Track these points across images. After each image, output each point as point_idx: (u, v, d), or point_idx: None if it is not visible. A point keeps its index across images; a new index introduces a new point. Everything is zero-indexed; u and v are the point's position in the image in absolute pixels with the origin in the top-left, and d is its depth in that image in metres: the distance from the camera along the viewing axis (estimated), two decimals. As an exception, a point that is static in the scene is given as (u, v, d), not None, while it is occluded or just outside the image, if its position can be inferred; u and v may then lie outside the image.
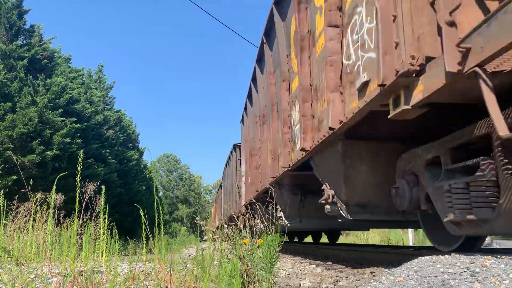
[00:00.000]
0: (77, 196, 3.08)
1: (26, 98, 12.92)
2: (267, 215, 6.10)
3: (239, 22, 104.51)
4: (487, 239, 24.96)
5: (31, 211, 4.90)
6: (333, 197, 4.63)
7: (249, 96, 10.43)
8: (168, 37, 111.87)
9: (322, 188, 4.89)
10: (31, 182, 4.79)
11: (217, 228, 3.15)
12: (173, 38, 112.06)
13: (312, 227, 9.63)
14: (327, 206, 4.73)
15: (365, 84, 3.36)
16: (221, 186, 25.07)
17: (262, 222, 4.33)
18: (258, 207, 3.85)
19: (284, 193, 6.89)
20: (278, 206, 6.99)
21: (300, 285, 3.59)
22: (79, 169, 3.05)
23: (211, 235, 3.07)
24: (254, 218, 9.81)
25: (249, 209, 9.49)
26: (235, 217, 11.67)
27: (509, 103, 2.56)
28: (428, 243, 8.14)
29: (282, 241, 2.76)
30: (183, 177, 69.67)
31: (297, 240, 15.00)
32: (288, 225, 5.13)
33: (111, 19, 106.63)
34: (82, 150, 3.74)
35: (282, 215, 6.67)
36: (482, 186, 2.84)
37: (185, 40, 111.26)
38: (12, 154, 11.25)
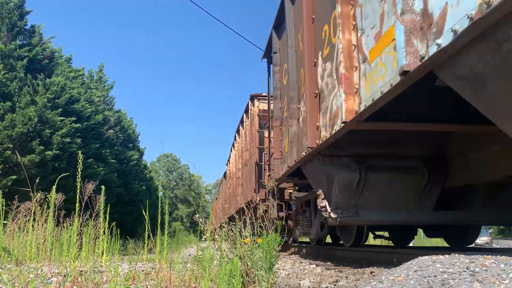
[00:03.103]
0: (78, 196, 3.09)
1: (26, 98, 12.92)
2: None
3: (241, 23, 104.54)
4: (486, 238, 24.97)
5: (31, 211, 4.90)
6: None
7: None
8: (168, 37, 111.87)
9: None
10: (37, 181, 4.79)
11: (220, 226, 3.15)
12: (173, 38, 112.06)
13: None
14: None
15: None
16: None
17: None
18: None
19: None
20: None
21: (300, 285, 3.59)
22: (79, 169, 3.05)
23: (211, 235, 3.07)
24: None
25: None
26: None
27: None
28: (428, 243, 8.15)
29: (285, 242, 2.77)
30: (183, 177, 69.68)
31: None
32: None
33: (112, 19, 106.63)
34: (81, 151, 3.74)
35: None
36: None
37: (185, 40, 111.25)
38: (16, 154, 11.25)
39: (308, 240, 9.04)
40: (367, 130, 4.03)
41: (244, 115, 13.07)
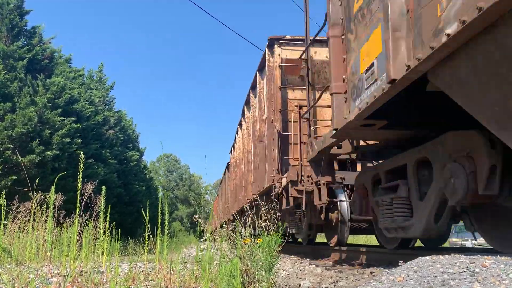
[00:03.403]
0: (78, 196, 3.09)
1: (26, 98, 12.92)
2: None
3: (241, 23, 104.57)
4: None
5: (31, 211, 4.90)
6: None
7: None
8: (168, 37, 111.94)
9: None
10: (37, 181, 4.79)
11: (221, 226, 3.14)
12: (173, 38, 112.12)
13: None
14: None
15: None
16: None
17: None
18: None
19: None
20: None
21: (300, 285, 3.59)
22: (80, 170, 3.05)
23: (211, 234, 3.07)
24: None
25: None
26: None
27: None
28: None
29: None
30: (183, 177, 69.69)
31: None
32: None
33: (112, 19, 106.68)
34: (82, 151, 3.74)
35: None
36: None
37: (185, 40, 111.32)
38: (17, 154, 11.25)
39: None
40: None
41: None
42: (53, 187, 3.47)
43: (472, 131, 2.94)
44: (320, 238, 9.78)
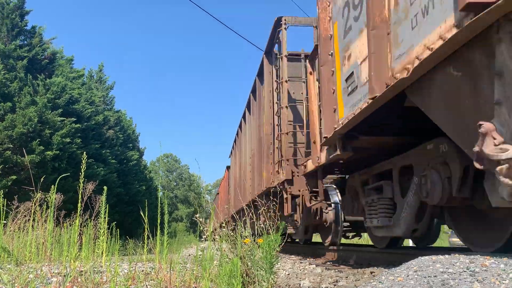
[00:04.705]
0: (80, 196, 3.09)
1: (26, 98, 12.92)
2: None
3: (242, 23, 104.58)
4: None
5: (30, 211, 4.90)
6: None
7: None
8: (168, 37, 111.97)
9: None
10: (41, 180, 4.79)
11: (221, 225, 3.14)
12: (173, 38, 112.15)
13: None
14: None
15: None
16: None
17: None
18: None
19: None
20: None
21: (300, 285, 3.59)
22: (82, 170, 3.05)
23: (211, 234, 3.07)
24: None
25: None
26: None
27: None
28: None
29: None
30: (183, 177, 69.71)
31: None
32: None
33: (112, 19, 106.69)
34: (84, 152, 3.74)
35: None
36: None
37: (185, 40, 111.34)
38: (20, 153, 11.25)
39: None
40: None
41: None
42: (52, 187, 3.47)
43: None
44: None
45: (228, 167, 19.44)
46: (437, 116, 2.76)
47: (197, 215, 2.97)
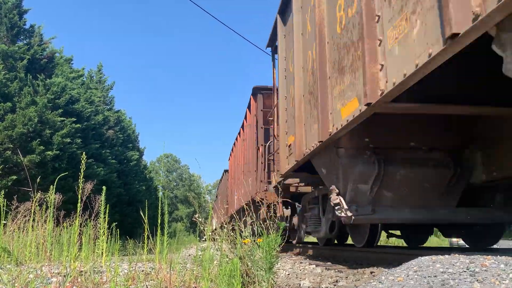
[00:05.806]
0: (80, 196, 3.09)
1: (26, 98, 12.92)
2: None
3: (241, 23, 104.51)
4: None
5: (30, 211, 4.90)
6: None
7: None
8: (168, 37, 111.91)
9: None
10: (37, 180, 4.79)
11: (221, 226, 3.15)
12: (173, 38, 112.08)
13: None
14: None
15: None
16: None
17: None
18: None
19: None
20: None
21: (300, 285, 3.59)
22: (82, 170, 3.05)
23: (210, 234, 3.07)
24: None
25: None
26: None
27: None
28: (428, 244, 8.14)
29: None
30: (183, 177, 69.70)
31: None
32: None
33: (112, 19, 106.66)
34: (84, 152, 3.74)
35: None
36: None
37: (185, 40, 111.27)
38: (19, 154, 11.24)
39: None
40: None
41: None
42: (52, 187, 3.47)
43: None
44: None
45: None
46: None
47: (197, 215, 2.97)
